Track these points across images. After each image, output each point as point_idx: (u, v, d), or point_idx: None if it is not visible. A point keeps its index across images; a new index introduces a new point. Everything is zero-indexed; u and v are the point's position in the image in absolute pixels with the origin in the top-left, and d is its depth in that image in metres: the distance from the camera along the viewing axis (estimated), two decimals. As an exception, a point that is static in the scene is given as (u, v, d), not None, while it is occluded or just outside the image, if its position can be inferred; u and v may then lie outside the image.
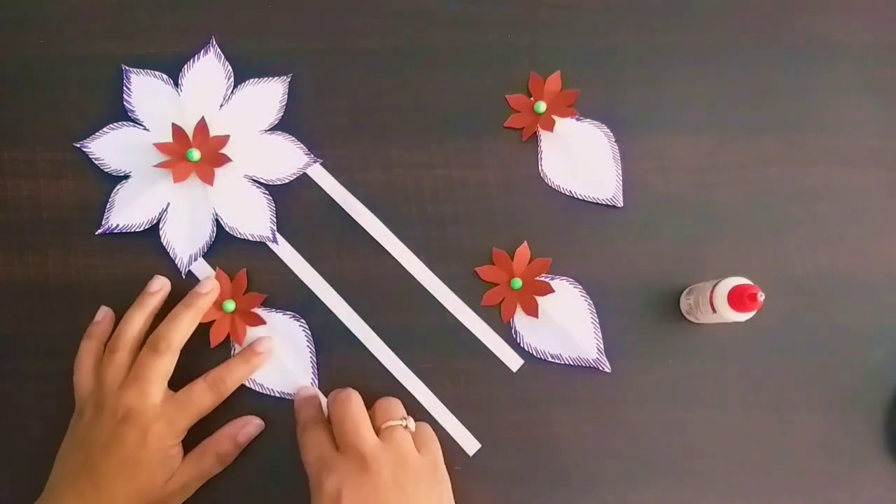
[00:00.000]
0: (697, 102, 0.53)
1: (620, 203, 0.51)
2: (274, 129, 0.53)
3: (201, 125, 0.52)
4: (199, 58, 0.54)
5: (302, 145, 0.53)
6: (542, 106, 0.51)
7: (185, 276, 0.51)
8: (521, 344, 0.50)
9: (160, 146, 0.51)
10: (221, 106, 0.53)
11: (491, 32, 0.54)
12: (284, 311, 0.51)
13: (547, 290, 0.50)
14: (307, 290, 0.51)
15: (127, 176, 0.52)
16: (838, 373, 0.50)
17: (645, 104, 0.53)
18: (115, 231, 0.52)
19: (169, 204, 0.52)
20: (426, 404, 0.50)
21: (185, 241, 0.52)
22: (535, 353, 0.50)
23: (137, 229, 0.52)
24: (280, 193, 0.52)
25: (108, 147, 0.53)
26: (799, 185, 0.52)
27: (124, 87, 0.53)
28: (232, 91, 0.53)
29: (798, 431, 0.49)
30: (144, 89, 0.53)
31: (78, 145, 0.53)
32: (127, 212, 0.52)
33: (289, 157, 0.53)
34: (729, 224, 0.51)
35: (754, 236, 0.51)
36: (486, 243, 0.51)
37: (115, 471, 0.44)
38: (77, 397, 0.48)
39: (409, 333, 0.51)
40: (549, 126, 0.51)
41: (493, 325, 0.51)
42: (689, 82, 0.53)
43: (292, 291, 0.51)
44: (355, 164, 0.52)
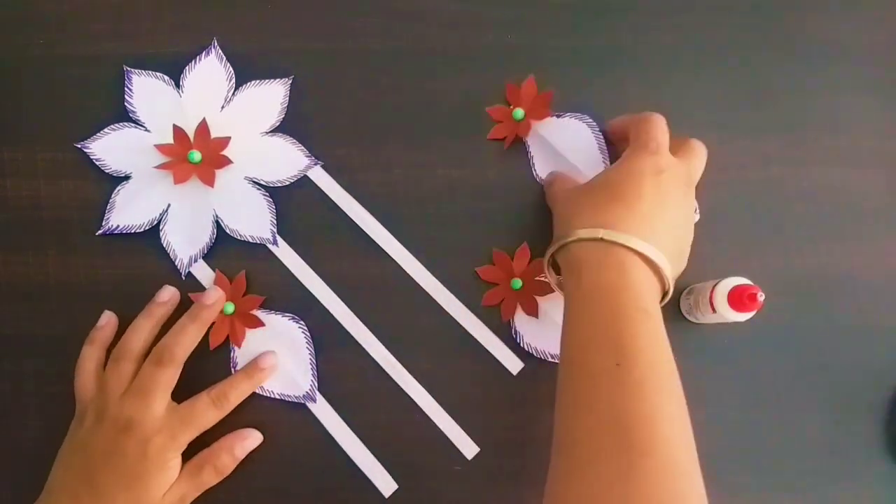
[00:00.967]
0: (697, 102, 0.53)
1: None
2: (275, 130, 0.53)
3: (202, 127, 0.52)
4: (200, 59, 0.54)
5: (303, 147, 0.53)
6: (520, 112, 0.51)
7: (184, 278, 0.51)
8: (521, 344, 0.50)
9: (161, 147, 0.51)
10: (223, 107, 0.53)
11: (490, 32, 0.54)
12: (284, 312, 0.51)
13: (547, 290, 0.50)
14: (307, 291, 0.51)
15: (128, 177, 0.52)
16: (838, 373, 0.50)
17: (645, 104, 0.53)
18: (116, 232, 0.52)
19: (169, 205, 0.52)
20: (425, 407, 0.50)
21: (185, 243, 0.52)
22: (535, 353, 0.50)
23: (138, 230, 0.52)
24: (280, 195, 0.52)
25: (109, 148, 0.53)
26: (799, 185, 0.52)
27: (126, 88, 0.53)
28: (233, 93, 0.53)
29: (798, 431, 0.49)
30: (146, 90, 0.53)
31: (79, 146, 0.53)
32: (127, 213, 0.52)
33: (289, 160, 0.53)
34: (729, 224, 0.51)
35: (754, 236, 0.51)
36: (486, 243, 0.51)
37: (114, 480, 0.44)
38: (78, 402, 0.48)
39: (409, 335, 0.51)
40: (526, 131, 0.51)
41: (492, 326, 0.50)
42: (689, 82, 0.53)
43: (292, 293, 0.51)
44: (355, 164, 0.52)
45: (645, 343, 0.40)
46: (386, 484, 0.49)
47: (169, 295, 0.50)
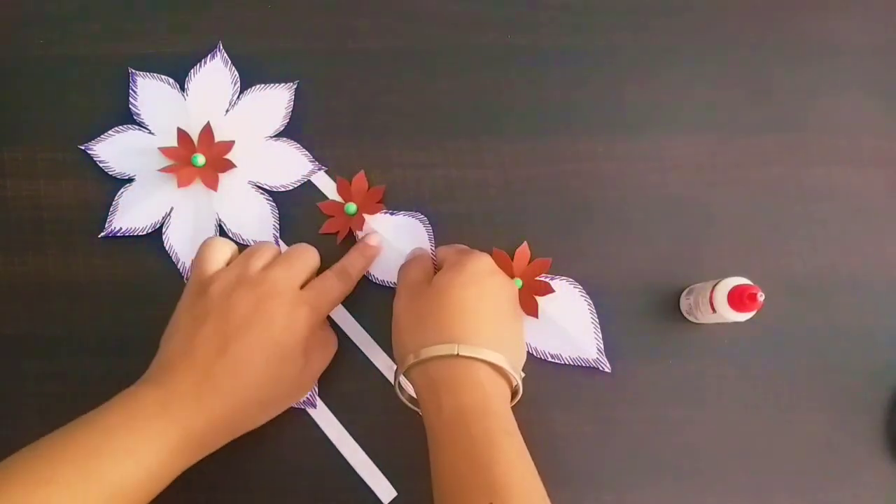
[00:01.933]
0: (697, 102, 0.53)
1: None
2: (279, 135, 0.53)
3: (206, 130, 0.52)
4: (205, 62, 0.54)
5: (307, 152, 0.53)
6: (352, 207, 0.51)
7: (186, 280, 0.51)
8: (521, 344, 0.50)
9: (165, 150, 0.51)
10: (227, 111, 0.53)
11: (491, 32, 0.54)
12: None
13: (547, 290, 0.50)
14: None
15: (131, 179, 0.52)
16: (838, 373, 0.50)
17: (645, 104, 0.53)
18: (119, 234, 0.52)
19: (172, 208, 0.52)
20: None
21: (188, 246, 0.52)
22: (534, 353, 0.50)
23: (140, 233, 0.52)
24: (283, 200, 0.52)
25: (113, 150, 0.53)
26: (799, 185, 0.52)
27: (130, 91, 0.53)
28: (238, 96, 0.53)
29: (798, 431, 0.49)
30: (150, 93, 0.53)
31: (83, 147, 0.53)
32: (130, 215, 0.52)
33: (293, 164, 0.53)
34: (729, 224, 0.51)
35: (754, 236, 0.51)
36: (486, 243, 0.51)
37: (255, 344, 0.43)
38: (198, 276, 0.46)
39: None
40: (360, 225, 0.51)
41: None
42: (688, 82, 0.53)
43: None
44: (355, 164, 0.52)
45: (517, 475, 0.40)
46: (385, 491, 0.49)
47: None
